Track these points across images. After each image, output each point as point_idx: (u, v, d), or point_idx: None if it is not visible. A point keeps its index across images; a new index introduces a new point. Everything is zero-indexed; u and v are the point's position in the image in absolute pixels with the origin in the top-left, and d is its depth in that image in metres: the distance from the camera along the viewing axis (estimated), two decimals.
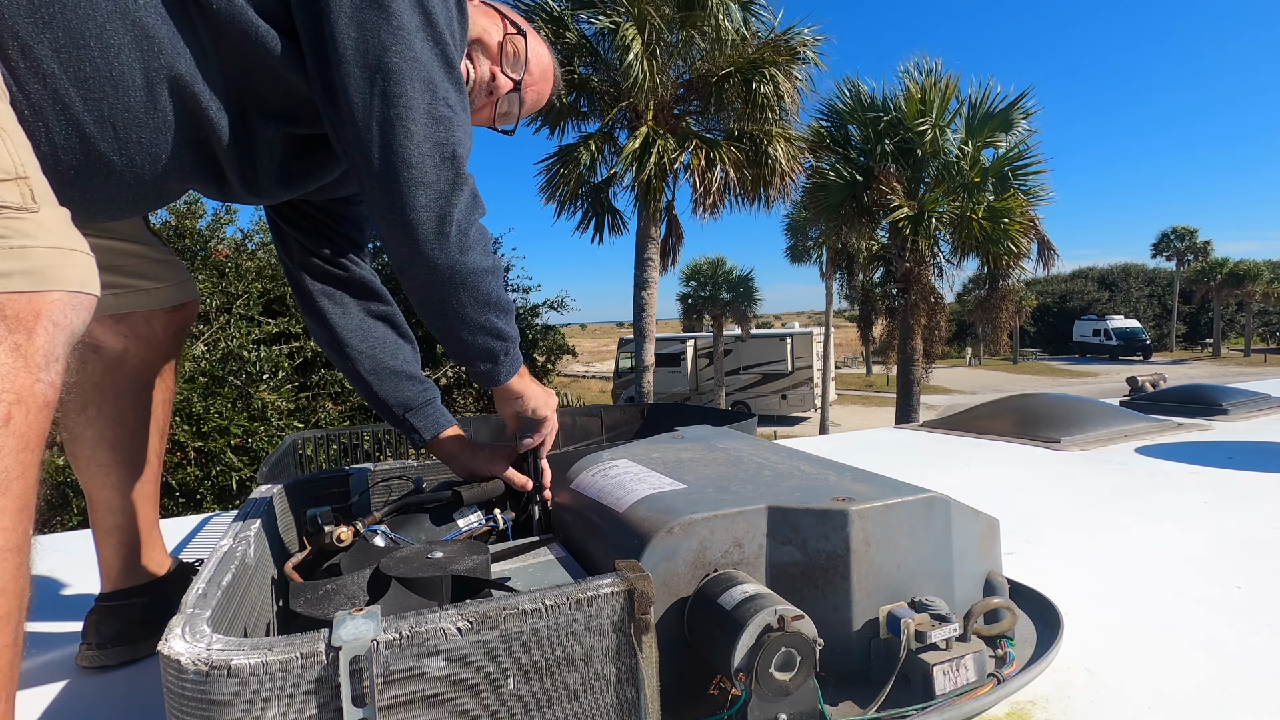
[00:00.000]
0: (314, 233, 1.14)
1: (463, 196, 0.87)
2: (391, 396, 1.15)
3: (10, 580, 0.57)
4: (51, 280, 0.63)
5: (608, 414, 2.01)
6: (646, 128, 9.44)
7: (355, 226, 1.17)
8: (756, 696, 0.66)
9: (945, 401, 20.32)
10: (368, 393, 1.16)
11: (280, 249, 1.16)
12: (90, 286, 0.67)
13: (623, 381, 19.71)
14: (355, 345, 1.14)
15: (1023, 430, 2.43)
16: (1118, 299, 48.77)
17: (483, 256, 0.92)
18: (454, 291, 0.91)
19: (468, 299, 0.93)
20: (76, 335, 0.66)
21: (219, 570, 0.73)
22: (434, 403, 1.19)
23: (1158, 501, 1.62)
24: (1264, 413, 2.72)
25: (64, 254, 0.65)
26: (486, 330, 0.98)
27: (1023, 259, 10.98)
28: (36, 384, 0.60)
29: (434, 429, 1.17)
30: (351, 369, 1.15)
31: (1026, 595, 0.99)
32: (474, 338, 0.98)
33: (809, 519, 0.80)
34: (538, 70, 1.10)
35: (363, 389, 1.16)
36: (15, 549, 0.58)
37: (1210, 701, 0.81)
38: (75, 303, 0.65)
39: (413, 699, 0.57)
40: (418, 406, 1.17)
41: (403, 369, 1.17)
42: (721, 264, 19.61)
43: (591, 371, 35.65)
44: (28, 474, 0.59)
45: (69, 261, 0.65)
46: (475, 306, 0.94)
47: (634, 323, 11.00)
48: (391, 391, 1.15)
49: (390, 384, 1.15)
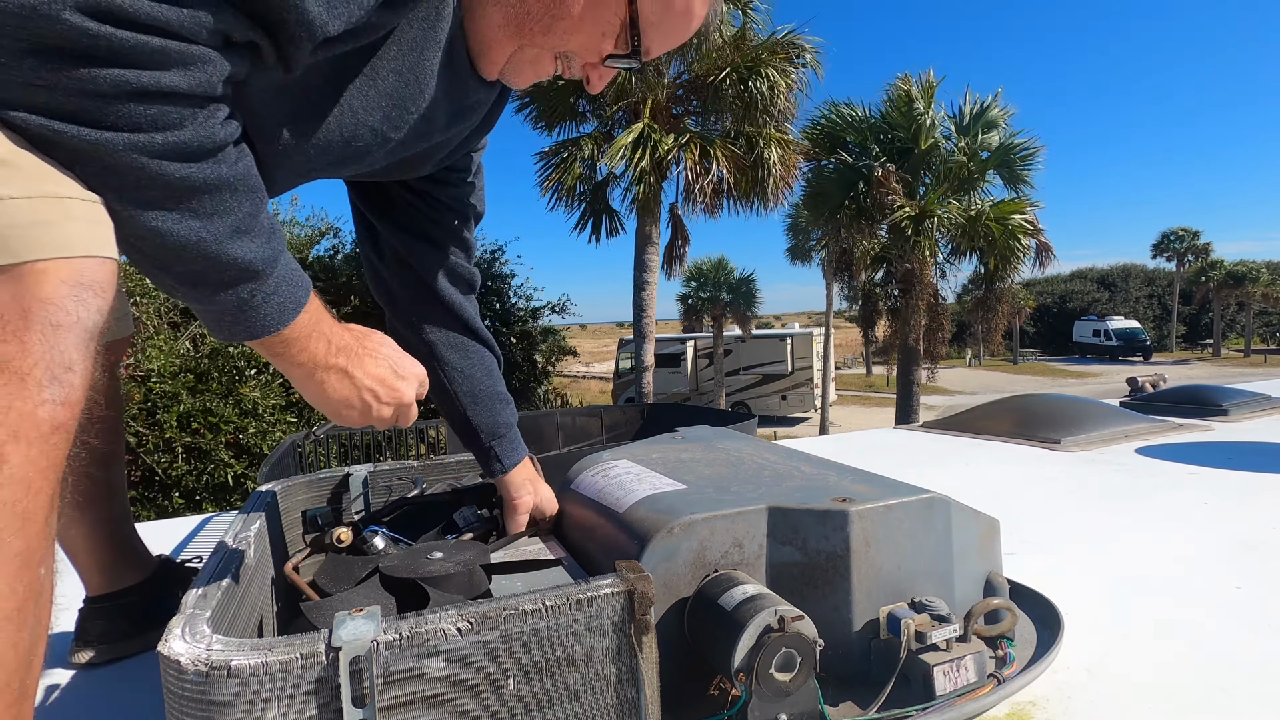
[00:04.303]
0: (407, 223, 0.99)
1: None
2: (485, 422, 1.05)
3: (6, 651, 0.47)
4: (37, 245, 0.48)
5: (608, 414, 2.01)
6: (643, 123, 9.45)
7: (451, 210, 1.00)
8: (757, 697, 0.66)
9: (945, 402, 20.31)
10: (457, 415, 1.05)
11: (367, 246, 1.03)
12: (99, 245, 0.52)
13: (623, 382, 19.70)
14: (453, 363, 1.03)
15: (1023, 431, 2.43)
16: (1118, 300, 48.77)
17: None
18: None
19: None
20: (96, 323, 0.52)
21: (219, 570, 0.73)
22: (515, 425, 1.09)
23: (1158, 502, 1.62)
24: (1264, 413, 2.72)
25: (54, 204, 0.50)
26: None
27: (1022, 259, 11.03)
28: (39, 408, 0.48)
29: (515, 459, 1.07)
30: (444, 389, 1.04)
31: (1026, 596, 0.99)
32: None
33: (809, 519, 0.80)
34: (658, 34, 0.79)
35: (450, 410, 1.06)
36: (10, 618, 0.47)
37: (1210, 702, 0.81)
38: (80, 275, 0.50)
39: (413, 699, 0.57)
40: (506, 433, 1.07)
41: (496, 389, 1.07)
42: (723, 265, 19.61)
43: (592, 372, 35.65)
44: (31, 524, 0.48)
45: (63, 214, 0.50)
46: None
47: (634, 323, 11.00)
48: (485, 416, 1.05)
49: (485, 408, 1.05)
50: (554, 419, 1.97)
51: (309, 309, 0.68)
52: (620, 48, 0.77)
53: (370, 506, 1.23)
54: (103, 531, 1.03)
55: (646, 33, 0.76)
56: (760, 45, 9.53)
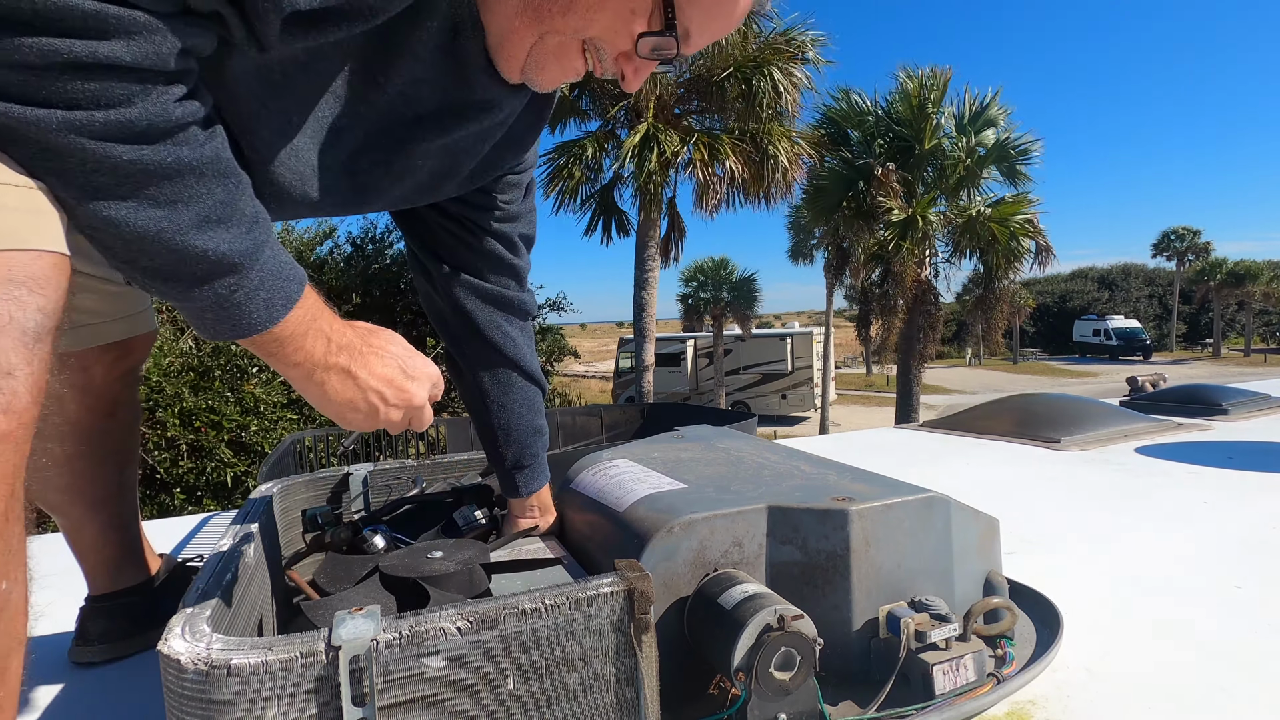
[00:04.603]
0: (447, 252, 0.96)
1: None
2: (513, 452, 1.04)
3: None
4: None
5: (608, 414, 2.01)
6: (647, 124, 9.45)
7: (492, 235, 0.97)
8: (756, 696, 0.66)
9: (945, 401, 20.31)
10: (488, 438, 1.05)
11: (417, 273, 1.01)
12: (32, 236, 0.47)
13: (623, 381, 19.71)
14: (493, 396, 1.01)
15: (1023, 430, 2.43)
16: (1118, 299, 48.77)
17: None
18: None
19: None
20: (39, 323, 0.47)
21: (219, 570, 0.73)
22: (543, 455, 1.08)
23: (1158, 501, 1.62)
24: (1264, 413, 2.72)
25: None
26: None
27: (1022, 259, 11.03)
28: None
29: (533, 488, 1.06)
30: (483, 415, 1.03)
31: (1026, 595, 0.99)
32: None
33: (809, 518, 0.80)
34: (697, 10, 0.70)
35: (481, 431, 1.05)
36: None
37: (1210, 701, 0.81)
38: (9, 271, 0.45)
39: (413, 698, 0.57)
40: (530, 464, 1.06)
41: (534, 423, 1.05)
42: (724, 264, 19.60)
43: (591, 371, 35.66)
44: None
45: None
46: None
47: (634, 322, 11.01)
48: (515, 448, 1.04)
49: (517, 440, 1.04)
50: (554, 418, 1.97)
51: (303, 304, 0.63)
52: (654, 25, 0.68)
53: (370, 506, 1.23)
54: (114, 532, 1.03)
55: (684, 10, 0.68)
56: (765, 43, 9.52)
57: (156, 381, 4.93)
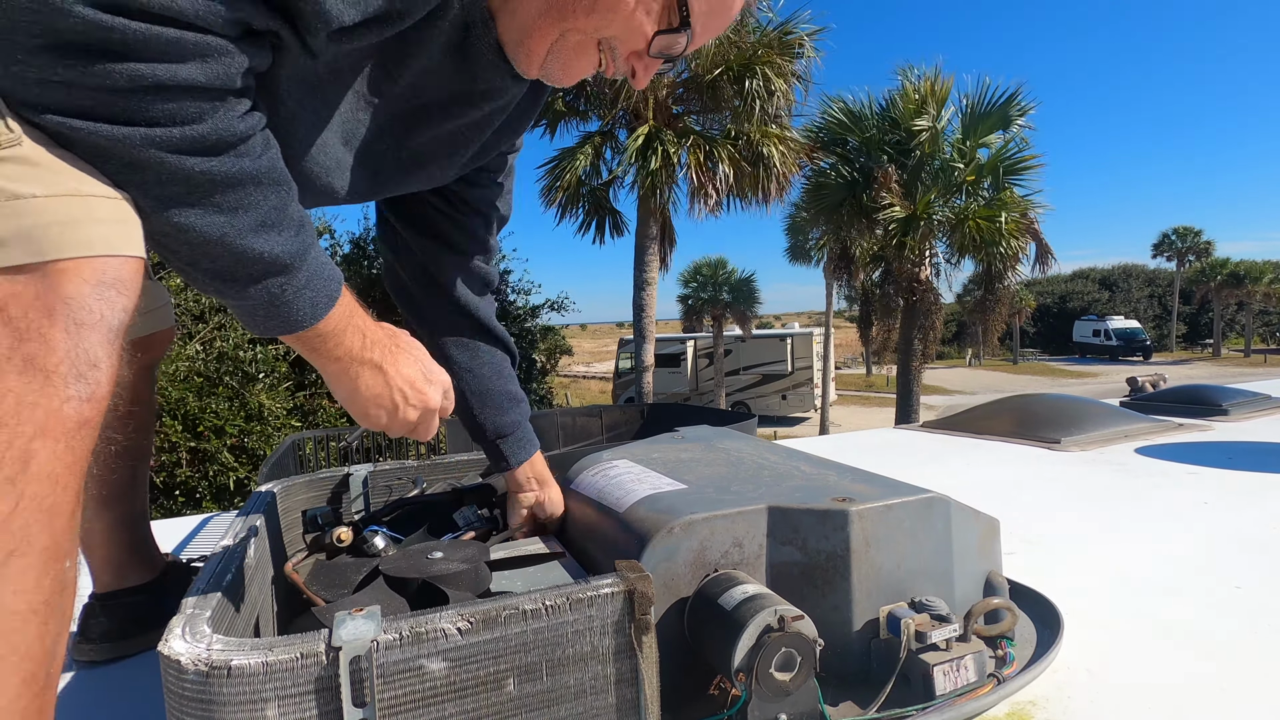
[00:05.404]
0: (427, 225, 0.98)
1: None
2: (491, 421, 1.04)
3: (34, 644, 0.48)
4: (61, 244, 0.48)
5: (608, 414, 2.01)
6: (648, 126, 9.45)
7: (476, 213, 1.00)
8: (756, 696, 0.66)
9: (945, 401, 20.31)
10: (466, 412, 1.05)
11: (384, 243, 1.04)
12: (123, 243, 0.52)
13: (623, 382, 19.71)
14: (461, 363, 1.02)
15: (1023, 430, 2.43)
16: (1118, 299, 48.78)
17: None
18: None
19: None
20: (121, 321, 0.52)
21: (219, 570, 0.73)
22: (525, 423, 1.08)
23: (1158, 501, 1.62)
24: (1264, 413, 2.72)
25: (77, 202, 0.50)
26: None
27: (1019, 261, 10.99)
28: (65, 405, 0.48)
29: (521, 456, 1.06)
30: (455, 386, 1.01)
31: (1026, 595, 0.99)
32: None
33: (809, 519, 0.80)
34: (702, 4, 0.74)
35: (460, 407, 1.04)
36: (37, 611, 0.48)
37: (1210, 701, 0.81)
38: (104, 274, 0.50)
39: (413, 699, 0.57)
40: (512, 432, 1.06)
41: (507, 388, 1.06)
42: (723, 265, 19.61)
43: (591, 372, 35.63)
44: (58, 519, 0.49)
45: (87, 213, 0.50)
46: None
47: (634, 323, 11.01)
48: (492, 415, 1.04)
49: (493, 407, 1.04)
50: (554, 419, 1.97)
51: (342, 302, 0.68)
52: (665, 24, 0.72)
53: (370, 506, 1.23)
54: (122, 529, 1.04)
55: (693, 8, 0.72)
56: (756, 42, 9.49)
57: (161, 386, 4.93)
